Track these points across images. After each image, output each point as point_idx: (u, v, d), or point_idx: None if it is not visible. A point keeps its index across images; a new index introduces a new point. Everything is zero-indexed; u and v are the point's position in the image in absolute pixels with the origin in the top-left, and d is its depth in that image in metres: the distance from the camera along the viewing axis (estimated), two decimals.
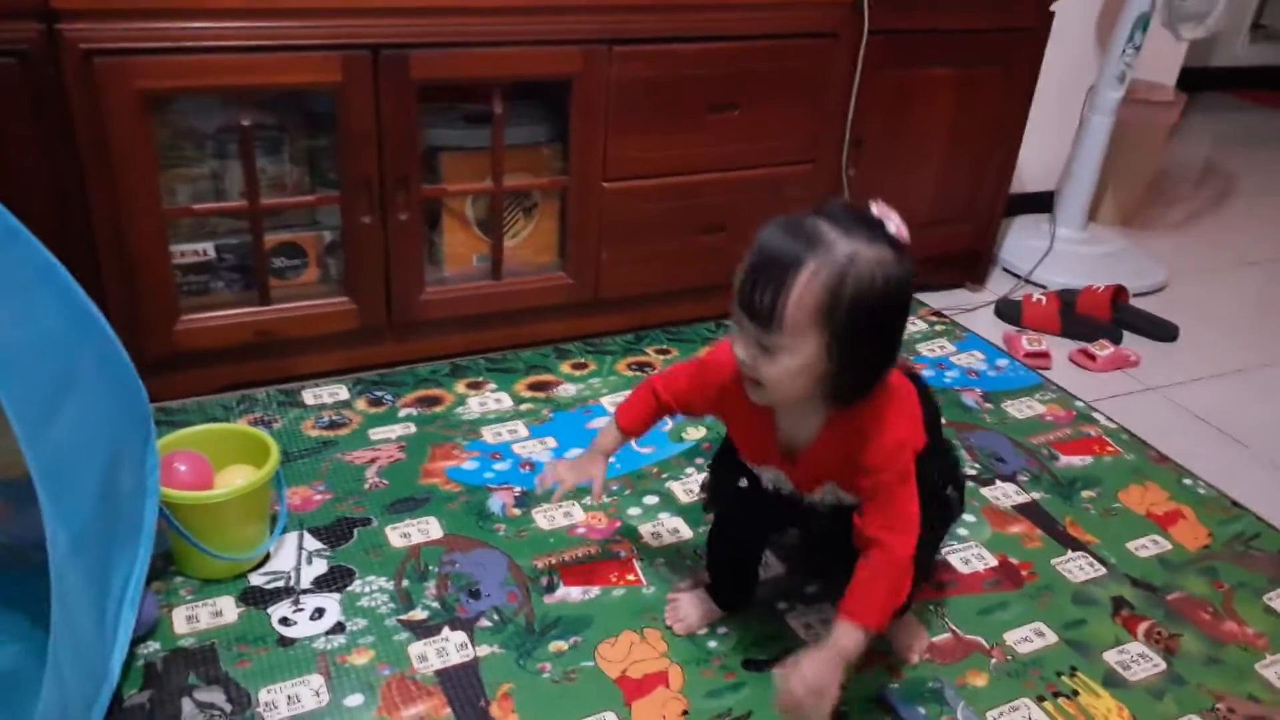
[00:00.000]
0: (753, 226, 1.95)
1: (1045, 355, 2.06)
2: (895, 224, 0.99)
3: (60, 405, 1.04)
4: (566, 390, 1.84)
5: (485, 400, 1.79)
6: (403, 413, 1.73)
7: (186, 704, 1.17)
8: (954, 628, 1.36)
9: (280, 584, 1.35)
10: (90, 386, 1.09)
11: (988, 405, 1.88)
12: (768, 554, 1.44)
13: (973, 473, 1.67)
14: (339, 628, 1.29)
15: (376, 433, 1.68)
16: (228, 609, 1.31)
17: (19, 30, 1.34)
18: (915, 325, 2.13)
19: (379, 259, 1.70)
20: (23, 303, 1.01)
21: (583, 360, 1.93)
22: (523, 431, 1.71)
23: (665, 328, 2.05)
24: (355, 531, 1.46)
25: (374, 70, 1.56)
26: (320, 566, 1.39)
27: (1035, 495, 1.64)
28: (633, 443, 1.68)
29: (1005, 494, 1.63)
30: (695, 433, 1.73)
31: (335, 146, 1.62)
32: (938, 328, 2.14)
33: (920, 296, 2.26)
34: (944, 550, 1.49)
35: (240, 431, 1.41)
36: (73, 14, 1.37)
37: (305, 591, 1.35)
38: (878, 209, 1.00)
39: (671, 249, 1.94)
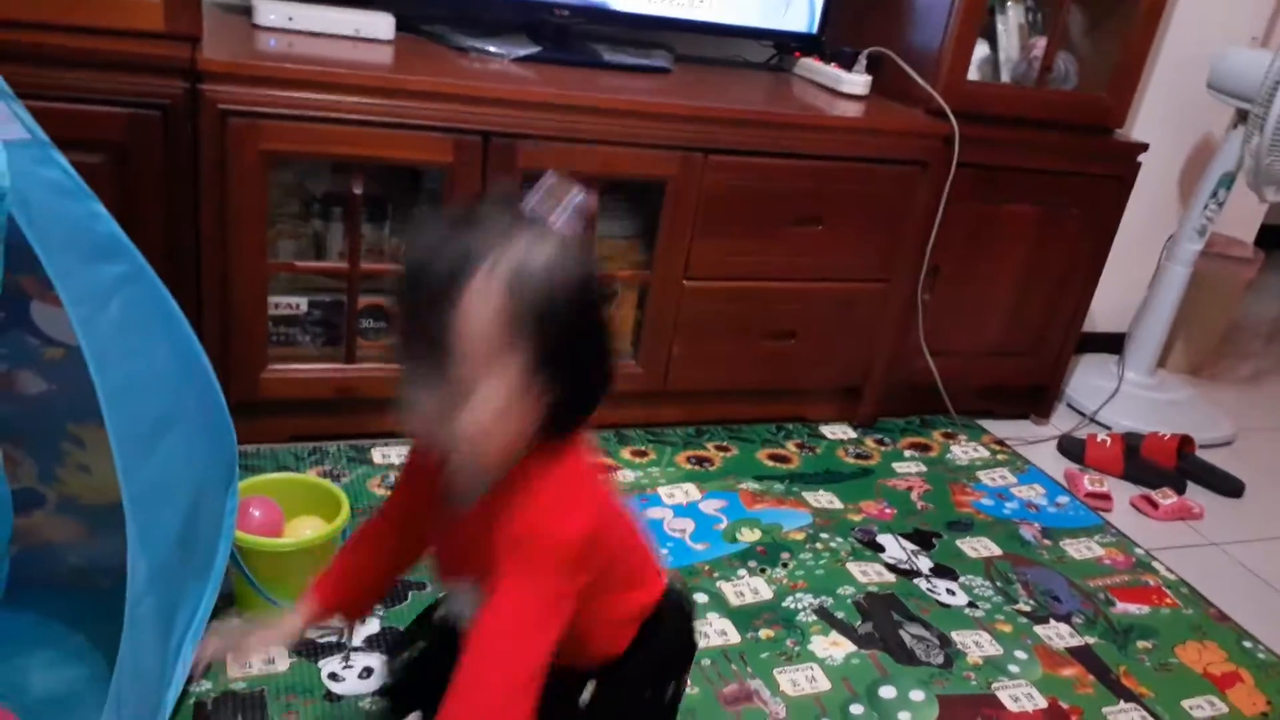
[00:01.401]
0: (823, 338, 2.01)
1: (1107, 497, 2.04)
2: (568, 204, 0.80)
3: (159, 441, 1.09)
4: (625, 476, 1.86)
5: None
6: None
7: None
8: None
9: (333, 638, 1.37)
10: (187, 427, 1.14)
11: (1046, 541, 1.86)
12: None
13: (1028, 609, 1.65)
14: (385, 689, 1.30)
15: None
16: (281, 658, 1.33)
17: (166, 86, 1.44)
18: (978, 451, 2.13)
19: None
20: (141, 339, 1.07)
21: (643, 448, 1.95)
22: None
23: (727, 424, 2.07)
24: (409, 594, 1.48)
25: (483, 155, 1.64)
26: (373, 625, 1.41)
27: (1089, 639, 1.61)
28: (687, 538, 1.70)
29: (1059, 634, 1.60)
30: (750, 534, 1.73)
31: None
32: (1000, 457, 2.13)
33: (984, 423, 2.26)
34: (992, 686, 1.47)
35: (314, 483, 1.45)
36: (216, 76, 1.46)
37: (356, 649, 1.36)
38: (548, 190, 0.81)
39: (741, 350, 1.97)
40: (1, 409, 1.00)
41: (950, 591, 1.67)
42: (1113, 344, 2.67)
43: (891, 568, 1.71)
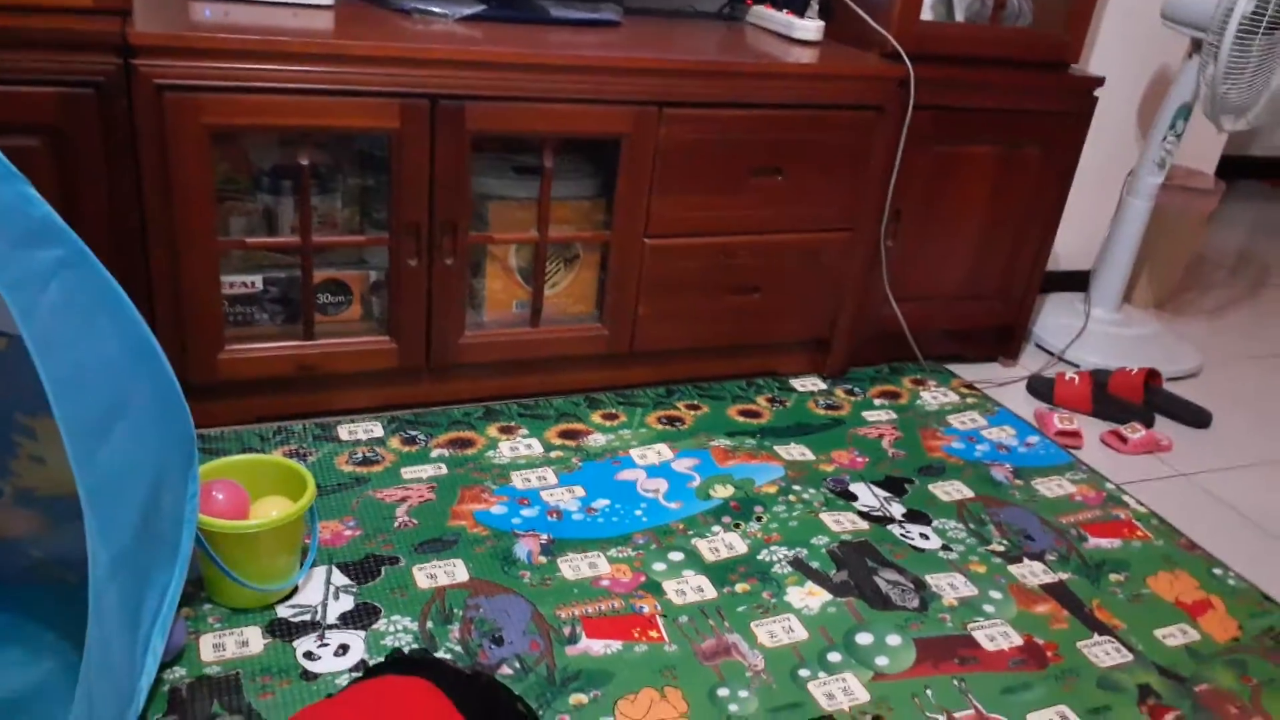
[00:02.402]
0: (789, 290, 2.00)
1: (1077, 435, 2.05)
2: None
3: (111, 428, 1.06)
4: (596, 440, 1.85)
5: (516, 445, 1.80)
6: (435, 453, 1.75)
7: None
8: (976, 705, 1.35)
9: (307, 618, 1.36)
10: (140, 412, 1.11)
11: (1018, 481, 1.87)
12: None
13: (1001, 549, 1.67)
14: (362, 665, 1.30)
15: (409, 472, 1.69)
16: (254, 639, 1.32)
17: (97, 63, 1.39)
18: (947, 396, 2.14)
19: (422, 301, 1.73)
20: (85, 326, 1.04)
21: (614, 411, 1.94)
22: (551, 479, 1.72)
23: (696, 383, 2.06)
24: (383, 569, 1.47)
25: (431, 119, 1.60)
26: (347, 602, 1.40)
27: (1063, 575, 1.63)
28: (660, 497, 1.69)
29: (1033, 572, 1.62)
30: (723, 490, 1.73)
31: (387, 190, 1.66)
32: (969, 400, 2.14)
33: (952, 368, 2.26)
34: (969, 626, 1.48)
35: (278, 463, 1.43)
36: (150, 50, 1.42)
37: (331, 627, 1.35)
38: None
39: (707, 307, 1.96)
40: None
41: (924, 536, 1.68)
42: (1078, 282, 2.68)
43: (864, 515, 1.71)
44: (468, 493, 1.66)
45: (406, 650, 1.32)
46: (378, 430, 1.79)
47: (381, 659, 1.25)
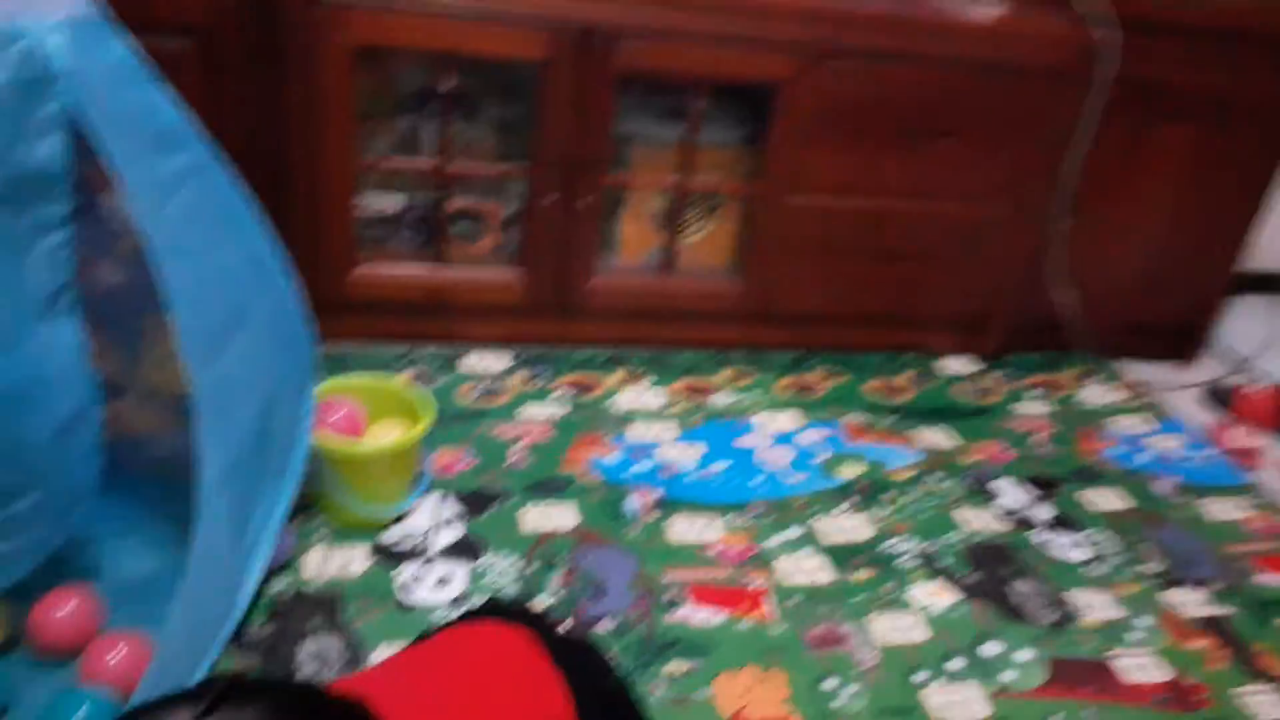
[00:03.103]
0: (947, 263, 1.84)
1: (1255, 454, 1.84)
2: None
3: (229, 340, 1.05)
4: (721, 399, 1.77)
5: (638, 396, 1.74)
6: (555, 394, 1.71)
7: (306, 647, 1.17)
8: None
9: (412, 545, 1.34)
10: (258, 326, 1.10)
11: (1182, 498, 1.69)
12: None
13: (1156, 571, 1.51)
14: (460, 600, 1.27)
15: (527, 410, 1.66)
16: (358, 561, 1.31)
17: None
18: (1111, 395, 1.96)
19: (555, 239, 1.68)
20: (209, 235, 1.03)
21: (743, 370, 1.85)
22: (671, 434, 1.65)
23: (836, 351, 1.95)
24: (493, 504, 1.44)
25: (580, 51, 1.53)
26: (453, 534, 1.37)
27: (1224, 610, 1.46)
28: (782, 469, 1.60)
29: (1190, 602, 1.46)
30: (852, 470, 1.63)
31: (530, 122, 1.60)
32: (1136, 402, 1.95)
33: (1121, 365, 2.06)
34: (1108, 653, 1.34)
35: (399, 387, 1.41)
36: None
37: (434, 558, 1.33)
38: None
39: (853, 272, 1.84)
40: (84, 297, 0.97)
41: (1069, 546, 1.54)
42: (1275, 285, 2.42)
43: (1006, 515, 1.58)
44: (584, 438, 1.61)
45: (507, 598, 1.28)
46: (501, 365, 1.76)
47: (483, 602, 1.22)
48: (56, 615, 1.09)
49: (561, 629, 0.95)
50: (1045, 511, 1.60)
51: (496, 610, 0.97)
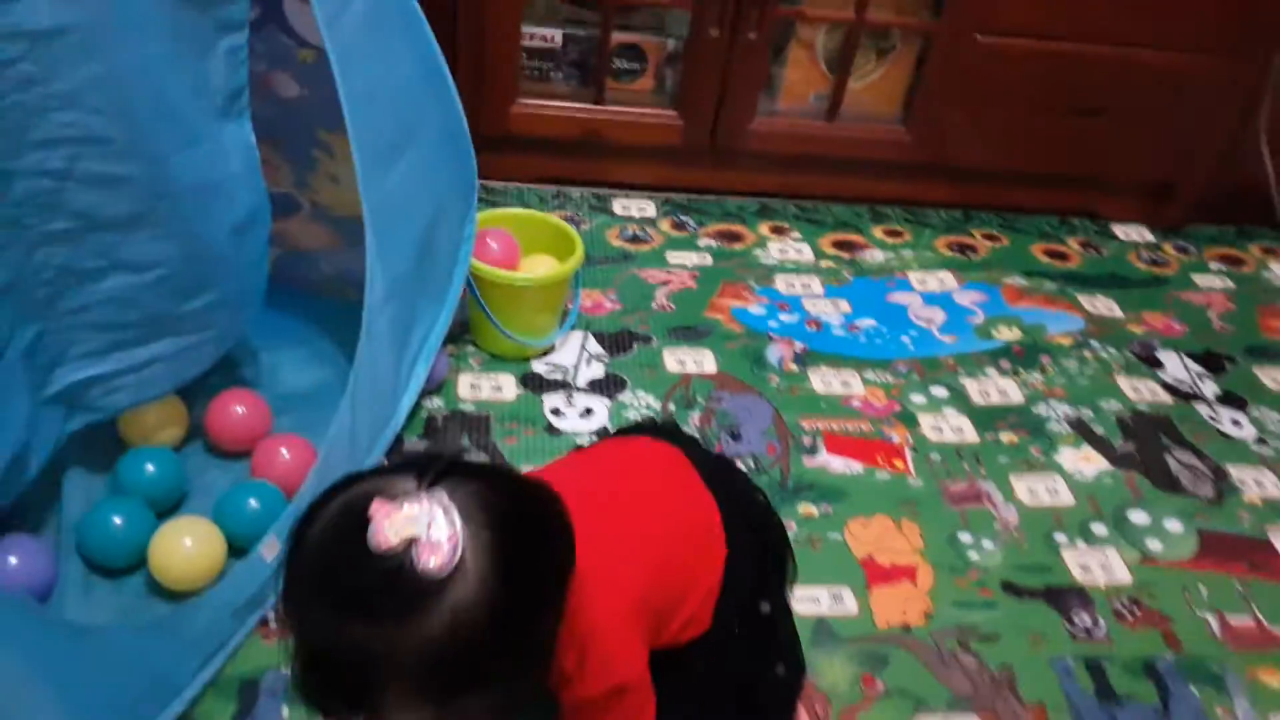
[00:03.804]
0: (1138, 119, 1.70)
1: None
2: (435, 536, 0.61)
3: (400, 155, 1.07)
4: (873, 256, 1.72)
5: (786, 248, 1.71)
6: (702, 242, 1.70)
7: None
8: (1259, 615, 1.18)
9: (558, 377, 1.39)
10: (428, 142, 1.12)
11: None
12: None
13: None
14: (603, 432, 1.31)
15: (674, 256, 1.66)
16: (508, 387, 1.36)
17: None
18: None
19: (717, 77, 1.63)
20: (385, 45, 1.04)
21: (898, 228, 1.79)
22: (817, 288, 1.63)
23: (1001, 211, 1.85)
24: (635, 346, 1.46)
25: None
26: (597, 370, 1.41)
27: None
28: (934, 328, 1.56)
29: None
30: (1007, 332, 1.57)
31: None
32: None
33: None
34: (1271, 529, 1.28)
35: (552, 223, 1.42)
36: None
37: (579, 389, 1.37)
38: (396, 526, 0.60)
39: (1034, 126, 1.71)
40: (260, 111, 1.01)
41: (1236, 423, 1.45)
42: None
43: (1169, 388, 1.50)
44: (729, 287, 1.60)
45: (659, 418, 1.32)
46: (650, 210, 1.76)
47: (636, 421, 1.25)
48: (232, 414, 1.18)
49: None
50: (1213, 387, 1.51)
51: (649, 428, 1.00)
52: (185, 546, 1.00)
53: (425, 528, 0.60)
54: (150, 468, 1.08)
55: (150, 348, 1.02)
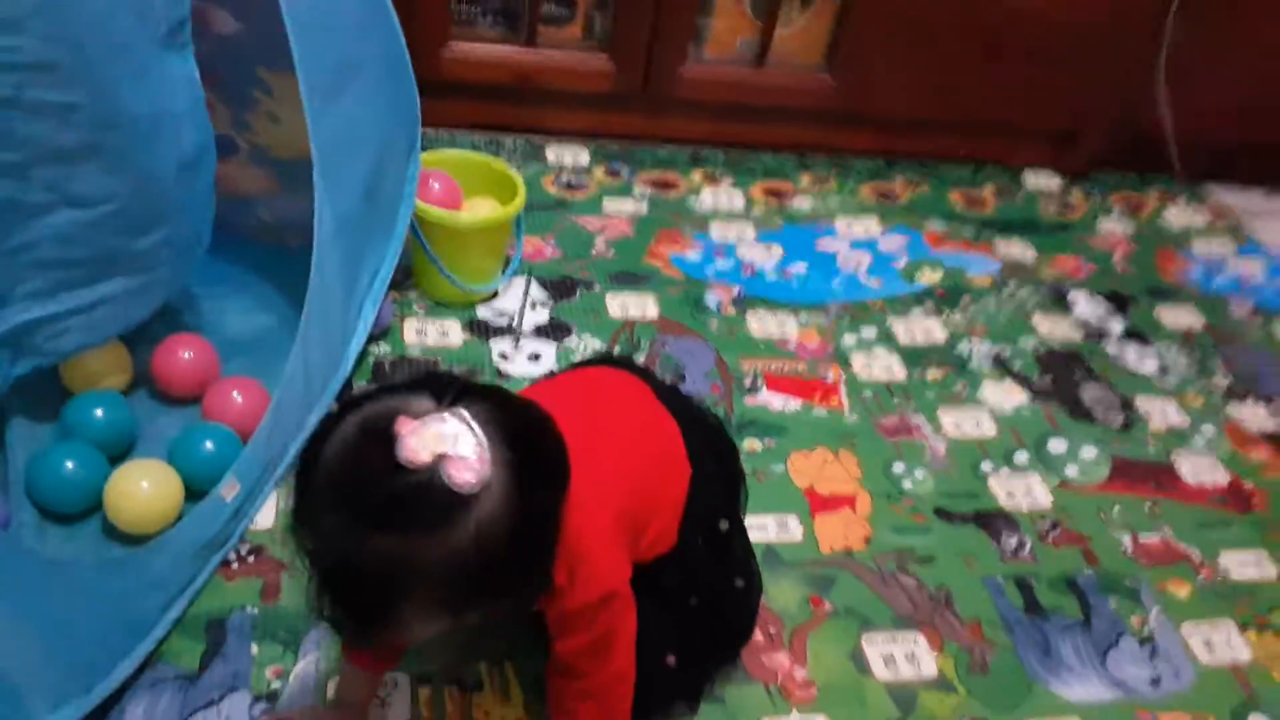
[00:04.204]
0: (1043, 65, 1.75)
1: None
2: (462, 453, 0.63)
3: (345, 87, 1.06)
4: (801, 203, 1.77)
5: (719, 196, 1.74)
6: (637, 190, 1.71)
7: None
8: (1167, 532, 1.28)
9: (504, 322, 1.39)
10: (372, 76, 1.10)
11: (1257, 319, 1.69)
12: None
13: (1223, 384, 1.53)
14: (551, 375, 1.33)
15: (610, 204, 1.67)
16: (454, 332, 1.36)
17: None
18: (1196, 217, 1.92)
19: (648, 20, 1.64)
20: None
21: (824, 175, 1.84)
22: (750, 235, 1.67)
23: (919, 159, 1.91)
24: (579, 291, 1.48)
25: None
26: (542, 315, 1.42)
27: None
28: (861, 272, 1.62)
29: (1255, 416, 1.48)
30: (930, 275, 1.64)
31: None
32: (1220, 225, 1.92)
33: (1211, 188, 2.01)
34: (1172, 456, 1.38)
35: (494, 166, 1.42)
36: None
37: (525, 335, 1.38)
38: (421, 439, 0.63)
39: (948, 71, 1.76)
40: (198, 49, 0.98)
41: (1140, 358, 1.56)
42: None
43: (1080, 325, 1.60)
44: (665, 234, 1.63)
45: (613, 353, 1.35)
46: (584, 158, 1.76)
47: (591, 356, 1.28)
48: (179, 359, 1.16)
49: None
50: (1119, 325, 1.61)
51: (607, 360, 1.03)
52: (142, 489, 0.99)
53: (454, 444, 0.61)
54: (99, 412, 1.05)
55: (98, 288, 0.99)
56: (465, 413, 0.64)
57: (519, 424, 0.68)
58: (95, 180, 0.91)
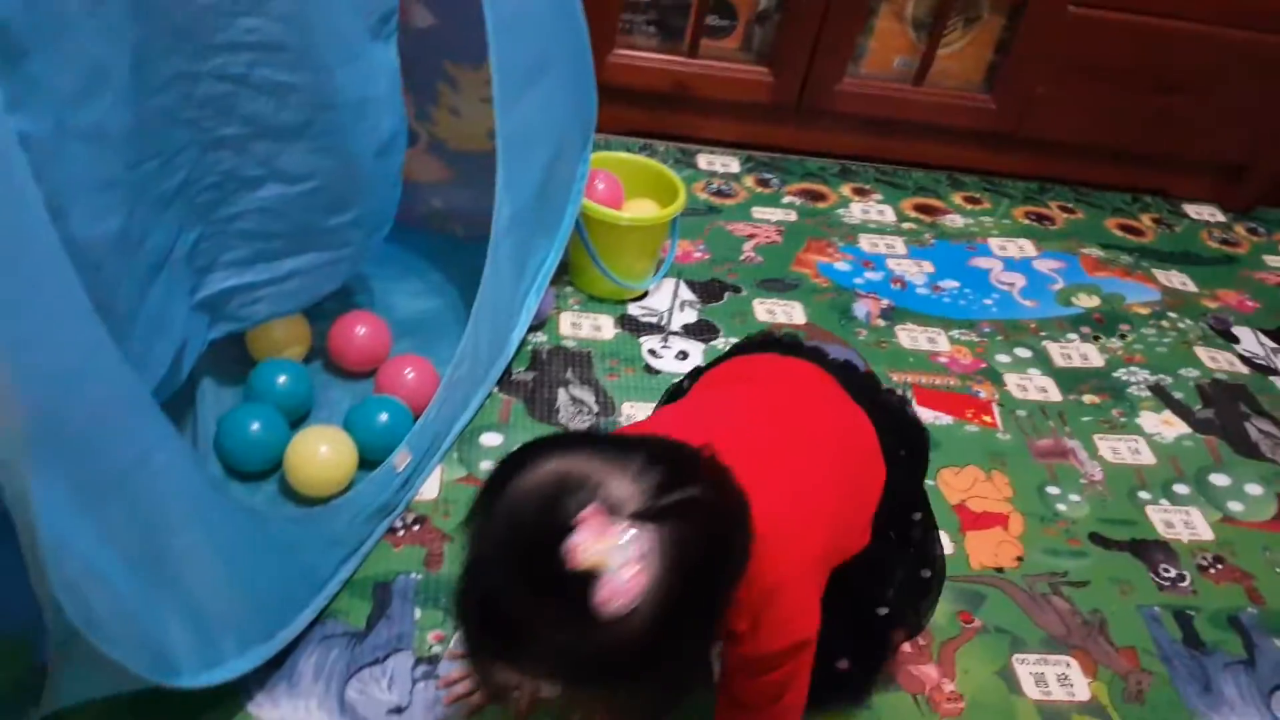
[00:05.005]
0: (1220, 99, 1.71)
1: None
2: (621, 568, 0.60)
3: (533, 84, 1.10)
4: (954, 220, 1.74)
5: (869, 209, 1.74)
6: (786, 199, 1.72)
7: (562, 394, 1.27)
8: None
9: (654, 320, 1.42)
10: (558, 75, 1.14)
11: None
12: None
13: None
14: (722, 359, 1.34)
15: (759, 211, 1.68)
16: (607, 326, 1.39)
17: None
18: None
19: (810, 36, 1.65)
20: None
21: (977, 195, 1.81)
22: (900, 249, 1.65)
23: (1075, 186, 1.87)
24: (726, 295, 1.49)
25: None
26: (690, 315, 1.44)
27: None
28: (1015, 292, 1.59)
29: None
30: (1087, 300, 1.60)
31: None
32: None
33: None
34: None
35: (655, 169, 1.45)
36: None
37: (674, 333, 1.40)
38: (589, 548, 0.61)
39: (1114, 99, 1.73)
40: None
41: None
42: None
43: (1245, 360, 1.53)
44: (814, 243, 1.63)
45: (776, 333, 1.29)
46: (734, 166, 1.78)
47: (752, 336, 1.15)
48: (355, 334, 1.22)
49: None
50: None
51: (773, 344, 1.00)
52: (321, 453, 1.04)
53: (618, 565, 0.59)
54: (282, 379, 1.11)
55: (291, 261, 1.05)
56: (651, 534, 0.61)
57: (702, 551, 0.64)
58: (303, 158, 0.97)
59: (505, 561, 0.63)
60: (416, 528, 1.07)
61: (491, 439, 1.19)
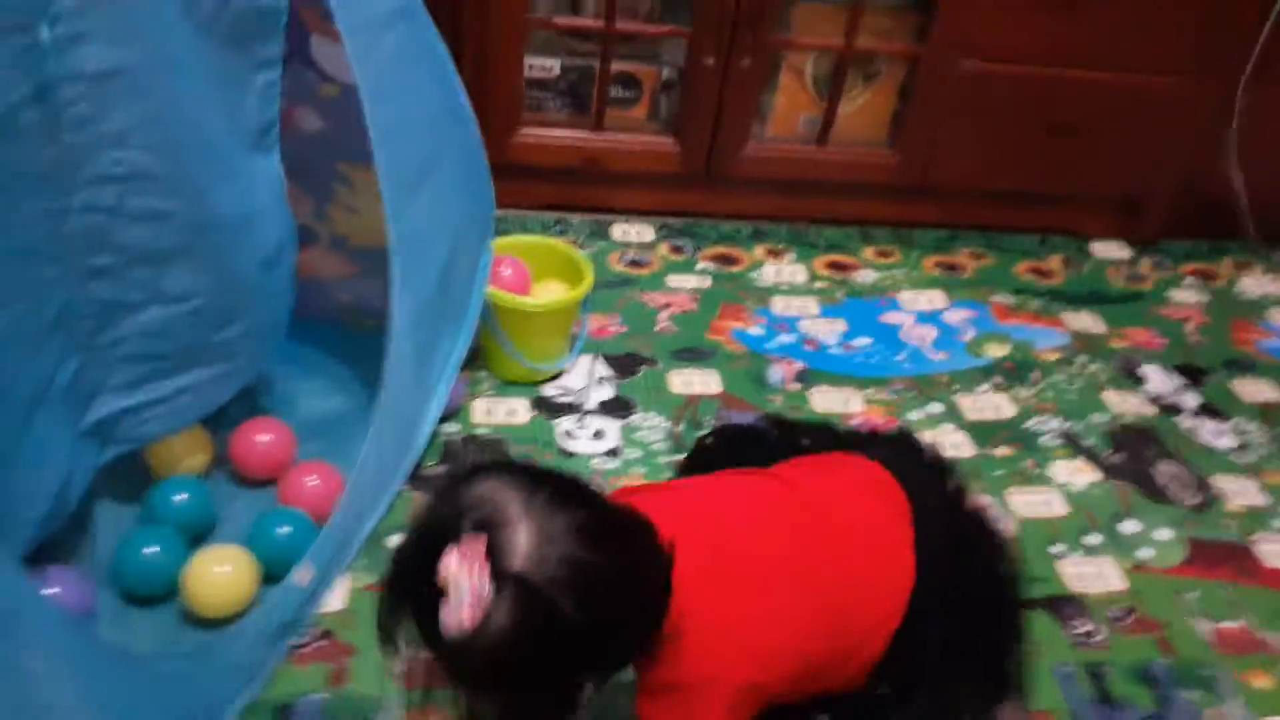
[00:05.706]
0: (1110, 137, 1.75)
1: None
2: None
3: (423, 182, 1.10)
4: (865, 276, 1.77)
5: (781, 270, 1.76)
6: (700, 265, 1.74)
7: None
8: (1248, 620, 1.23)
9: (569, 400, 1.42)
10: (449, 172, 1.15)
11: None
12: None
13: None
14: (614, 453, 1.34)
15: (674, 280, 1.70)
16: (521, 410, 1.39)
17: None
18: (1273, 286, 1.87)
19: (712, 104, 1.68)
20: (412, 79, 1.07)
21: (888, 248, 1.85)
22: (813, 309, 1.67)
23: (984, 230, 1.91)
24: (641, 369, 1.50)
25: None
26: (608, 391, 1.44)
27: None
28: (926, 346, 1.61)
29: None
30: (998, 349, 1.63)
31: None
32: None
33: None
34: (1252, 539, 1.34)
35: (561, 249, 1.46)
36: None
37: (590, 412, 1.40)
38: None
39: (1011, 145, 1.77)
40: (282, 144, 1.03)
41: (1217, 434, 1.52)
42: None
43: (1153, 400, 1.56)
44: (728, 309, 1.65)
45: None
46: (649, 235, 1.80)
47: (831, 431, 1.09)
48: (258, 442, 1.20)
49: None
50: (1193, 399, 1.58)
51: (857, 441, 0.98)
52: (219, 574, 1.02)
53: (458, 600, 0.64)
54: (181, 497, 1.10)
55: (180, 378, 1.04)
56: (512, 590, 0.65)
57: (567, 629, 0.67)
58: (184, 279, 0.96)
59: (410, 547, 0.71)
60: (322, 642, 1.06)
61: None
